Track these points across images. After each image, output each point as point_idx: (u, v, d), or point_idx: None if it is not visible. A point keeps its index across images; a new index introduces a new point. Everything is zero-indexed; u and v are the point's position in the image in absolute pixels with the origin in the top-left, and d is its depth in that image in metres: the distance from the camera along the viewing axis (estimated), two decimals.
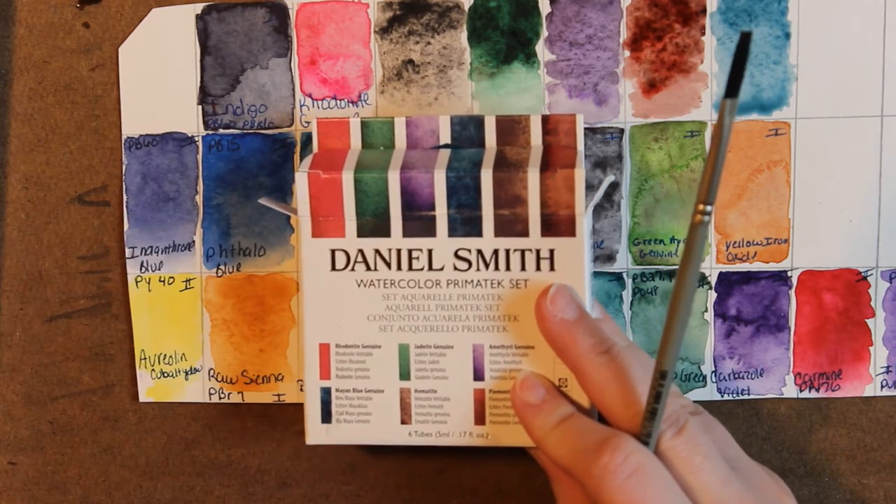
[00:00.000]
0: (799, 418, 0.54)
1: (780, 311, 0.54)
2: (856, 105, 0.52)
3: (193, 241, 0.55)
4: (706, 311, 0.54)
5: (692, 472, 0.44)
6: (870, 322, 0.53)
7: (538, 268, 0.48)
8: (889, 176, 0.52)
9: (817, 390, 0.54)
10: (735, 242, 0.53)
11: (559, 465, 0.46)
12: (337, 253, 0.50)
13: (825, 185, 0.53)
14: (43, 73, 0.55)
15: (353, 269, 0.50)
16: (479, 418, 0.50)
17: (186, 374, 0.56)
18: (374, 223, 0.49)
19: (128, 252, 0.55)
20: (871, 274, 0.53)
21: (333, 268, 0.50)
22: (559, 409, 0.48)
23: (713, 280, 0.54)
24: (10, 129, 0.56)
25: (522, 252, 0.49)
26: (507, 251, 0.49)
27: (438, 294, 0.49)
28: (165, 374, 0.56)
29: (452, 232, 0.49)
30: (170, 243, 0.55)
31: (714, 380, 0.54)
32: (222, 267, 0.55)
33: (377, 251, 0.49)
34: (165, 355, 0.56)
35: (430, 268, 0.49)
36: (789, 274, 0.53)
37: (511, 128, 0.50)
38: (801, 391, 0.54)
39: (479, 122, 0.50)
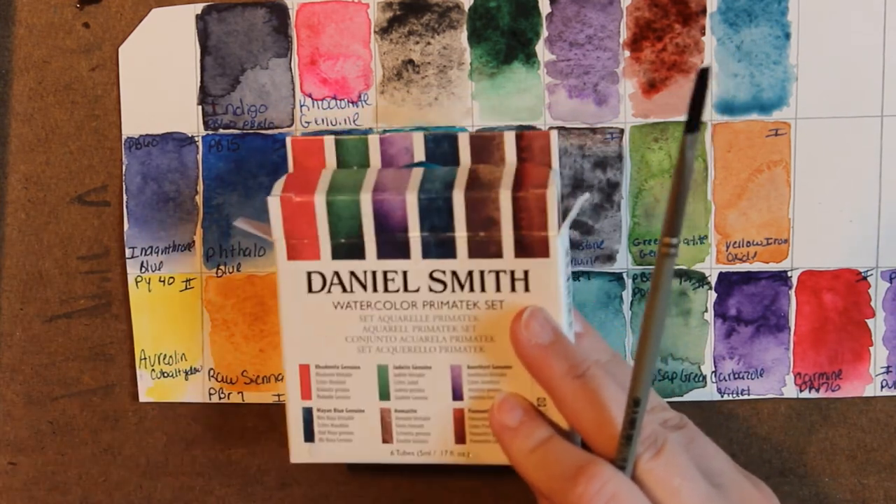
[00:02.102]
0: (799, 418, 0.54)
1: (780, 311, 0.54)
2: (856, 105, 0.52)
3: (193, 241, 0.55)
4: (706, 311, 0.54)
5: (671, 495, 0.43)
6: (870, 322, 0.53)
7: (513, 289, 0.48)
8: (889, 176, 0.52)
9: (817, 390, 0.54)
10: (735, 242, 0.53)
11: (536, 490, 0.46)
12: (313, 275, 0.49)
13: (825, 185, 0.53)
14: (43, 73, 0.55)
15: (329, 291, 0.49)
16: (460, 437, 0.50)
17: (186, 374, 0.56)
18: (348, 245, 0.49)
19: (128, 252, 0.55)
20: (871, 274, 0.53)
21: (310, 290, 0.50)
22: (537, 431, 0.47)
23: (713, 280, 0.54)
24: (10, 129, 0.56)
25: (497, 273, 0.48)
26: (482, 272, 0.48)
27: (415, 315, 0.49)
28: (165, 374, 0.56)
29: (426, 254, 0.48)
30: (170, 243, 0.55)
31: (714, 380, 0.54)
32: (222, 267, 0.55)
33: (352, 273, 0.49)
34: (165, 355, 0.56)
35: (406, 289, 0.49)
36: (789, 274, 0.53)
37: (485, 145, 0.49)
38: (801, 391, 0.54)
39: (453, 139, 0.49)
